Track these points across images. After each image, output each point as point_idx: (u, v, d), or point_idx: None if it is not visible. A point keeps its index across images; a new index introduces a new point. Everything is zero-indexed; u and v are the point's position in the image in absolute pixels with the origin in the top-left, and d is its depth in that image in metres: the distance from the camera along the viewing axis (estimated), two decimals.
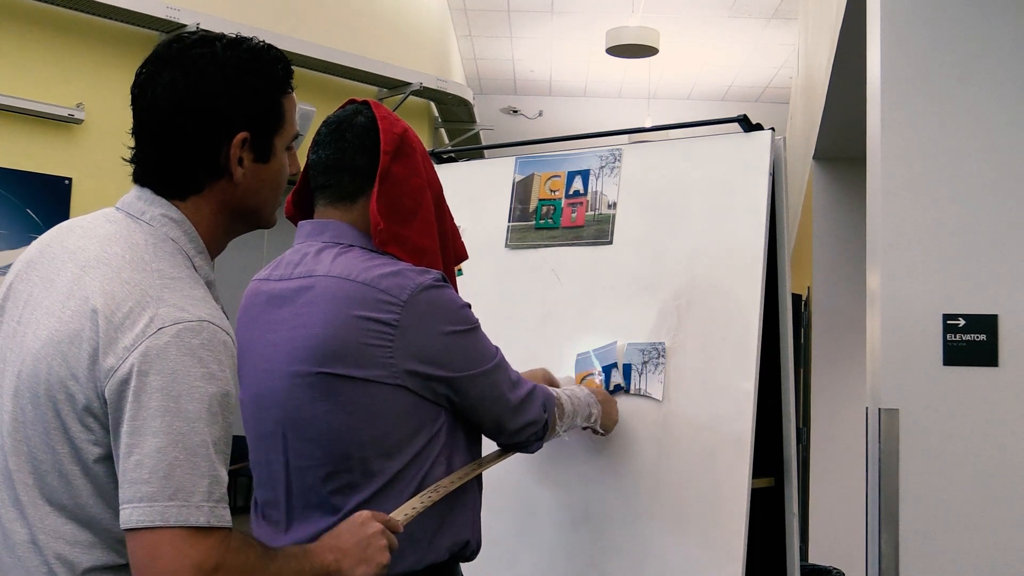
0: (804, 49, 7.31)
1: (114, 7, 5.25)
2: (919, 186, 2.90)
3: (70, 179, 5.15)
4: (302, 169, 1.92)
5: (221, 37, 1.48)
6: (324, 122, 1.94)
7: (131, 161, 1.49)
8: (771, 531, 2.53)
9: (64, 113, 5.13)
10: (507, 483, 2.53)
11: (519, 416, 1.97)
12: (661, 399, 2.39)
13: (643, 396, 2.41)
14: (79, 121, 5.18)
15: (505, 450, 2.06)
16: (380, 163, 1.85)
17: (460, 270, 2.72)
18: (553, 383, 2.34)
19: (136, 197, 1.48)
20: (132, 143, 1.49)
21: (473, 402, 1.88)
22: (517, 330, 2.60)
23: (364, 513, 1.60)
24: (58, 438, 1.35)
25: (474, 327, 1.88)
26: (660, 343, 2.42)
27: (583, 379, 2.48)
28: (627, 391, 2.43)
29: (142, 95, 1.46)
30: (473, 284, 2.72)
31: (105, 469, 1.35)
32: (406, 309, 1.76)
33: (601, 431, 2.32)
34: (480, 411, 1.91)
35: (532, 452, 2.09)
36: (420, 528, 1.80)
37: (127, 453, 1.29)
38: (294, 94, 1.57)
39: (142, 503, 1.27)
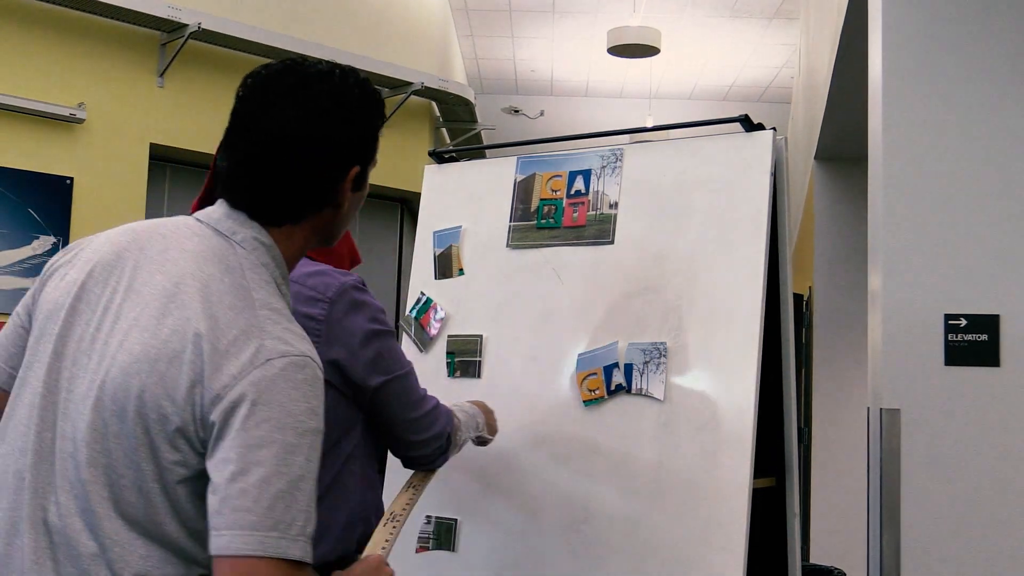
0: (805, 49, 7.31)
1: (116, 7, 5.25)
2: (920, 186, 2.90)
3: (71, 179, 5.15)
4: (209, 172, 1.96)
5: (333, 69, 1.48)
6: None
7: (227, 184, 1.46)
8: (772, 531, 2.53)
9: (65, 113, 5.14)
10: (508, 484, 2.53)
11: (427, 428, 2.01)
12: (662, 399, 2.39)
13: (644, 396, 2.41)
14: (80, 121, 5.19)
15: (418, 468, 2.09)
16: None
17: (462, 269, 2.73)
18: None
19: (225, 215, 1.45)
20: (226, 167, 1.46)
21: (385, 407, 1.94)
22: (518, 330, 2.60)
23: (378, 557, 1.62)
24: (144, 455, 1.32)
25: (390, 331, 1.95)
26: (661, 343, 2.42)
27: (584, 379, 2.48)
28: (628, 391, 2.43)
29: (255, 124, 1.44)
30: (474, 284, 2.72)
31: (187, 491, 1.33)
32: (333, 305, 1.84)
33: (489, 436, 2.32)
34: (391, 417, 1.96)
35: (436, 468, 2.11)
36: (332, 520, 1.85)
37: (231, 479, 1.27)
38: None
39: (243, 531, 1.25)
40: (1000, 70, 2.90)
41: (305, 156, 1.43)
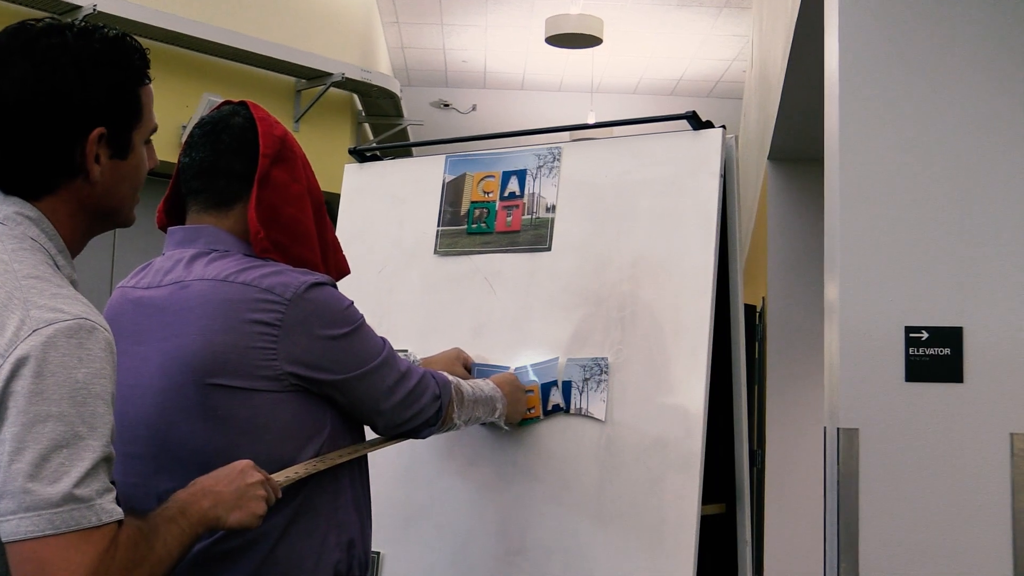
0: (758, 41, 7.40)
1: None
2: (880, 189, 2.93)
3: None
4: (174, 173, 1.96)
5: (71, 26, 1.50)
6: (198, 123, 1.96)
7: None
8: (722, 560, 2.55)
9: None
10: (436, 513, 2.52)
11: (406, 409, 2.00)
12: (603, 419, 2.40)
13: (584, 416, 2.41)
14: None
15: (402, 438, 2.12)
16: (259, 166, 1.88)
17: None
18: (466, 361, 2.50)
19: None
20: None
21: (358, 401, 1.92)
22: (447, 344, 2.59)
23: (245, 461, 1.66)
24: None
25: (358, 325, 1.91)
26: (602, 358, 2.43)
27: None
28: (567, 411, 2.43)
29: None
30: (399, 294, 2.71)
31: None
32: (289, 307, 1.78)
33: (505, 427, 2.39)
34: (366, 408, 1.95)
35: (423, 438, 2.13)
36: (299, 551, 1.82)
37: (8, 462, 1.30)
38: (151, 85, 1.60)
39: (30, 512, 1.30)
40: (963, 65, 2.95)
41: (32, 118, 1.44)
